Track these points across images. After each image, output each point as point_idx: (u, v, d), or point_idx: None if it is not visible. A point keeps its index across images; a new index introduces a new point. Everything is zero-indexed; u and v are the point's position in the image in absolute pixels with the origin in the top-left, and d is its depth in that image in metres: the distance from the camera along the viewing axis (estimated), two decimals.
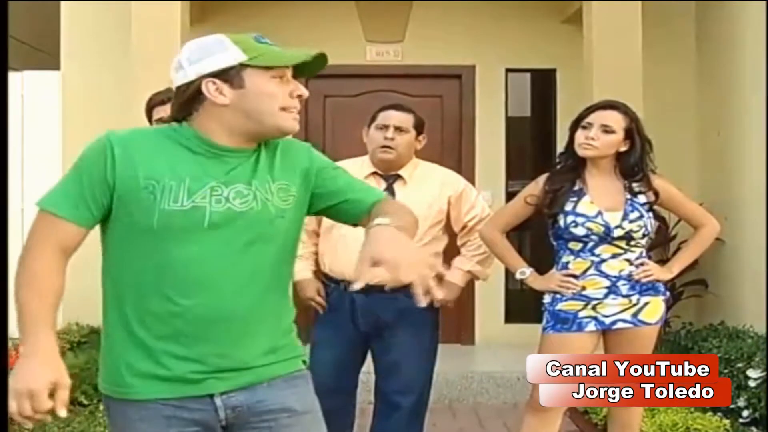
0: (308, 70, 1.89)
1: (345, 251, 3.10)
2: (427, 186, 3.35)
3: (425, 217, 3.24)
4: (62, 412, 1.71)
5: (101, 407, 4.43)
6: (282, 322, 1.91)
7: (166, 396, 1.79)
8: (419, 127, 3.39)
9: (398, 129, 3.31)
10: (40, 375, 1.69)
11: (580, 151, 3.20)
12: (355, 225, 2.00)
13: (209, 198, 1.77)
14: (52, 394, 1.69)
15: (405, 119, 3.35)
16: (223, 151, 1.82)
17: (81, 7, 6.16)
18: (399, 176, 3.35)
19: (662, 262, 3.39)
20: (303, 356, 1.97)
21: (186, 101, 1.83)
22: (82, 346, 5.23)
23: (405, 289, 3.52)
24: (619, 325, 3.18)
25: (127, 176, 1.76)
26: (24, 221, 6.10)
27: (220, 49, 1.81)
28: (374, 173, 3.34)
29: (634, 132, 3.22)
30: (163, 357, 1.78)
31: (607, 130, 3.18)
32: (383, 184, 3.32)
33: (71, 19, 6.19)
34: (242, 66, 1.79)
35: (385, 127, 3.31)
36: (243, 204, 1.80)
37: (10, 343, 4.38)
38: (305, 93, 1.86)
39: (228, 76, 1.79)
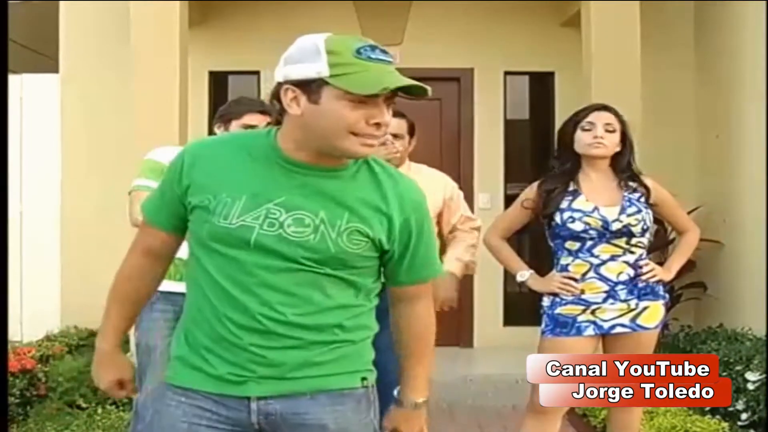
0: (412, 92, 1.76)
1: None
2: (422, 187, 3.41)
3: None
4: (133, 395, 2.05)
5: (99, 410, 4.44)
6: (338, 337, 1.82)
7: (208, 390, 1.81)
8: (411, 131, 3.48)
9: (395, 135, 3.38)
10: (103, 376, 1.98)
11: (591, 151, 3.21)
12: (385, 286, 1.94)
13: (262, 220, 1.73)
14: (122, 385, 1.98)
15: (401, 125, 3.42)
16: (296, 166, 1.76)
17: (80, 9, 6.17)
18: None
19: (660, 265, 3.40)
20: (363, 372, 1.89)
21: (273, 105, 1.80)
22: (80, 350, 5.23)
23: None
24: (618, 329, 3.18)
25: (190, 188, 1.78)
26: (23, 223, 6.12)
27: (311, 58, 1.70)
28: None
29: (625, 133, 3.26)
30: (208, 356, 1.80)
31: (609, 129, 3.21)
32: None
33: (70, 22, 6.20)
34: (323, 81, 1.68)
35: None
36: (298, 234, 1.74)
37: (9, 346, 4.40)
38: (386, 121, 1.72)
39: (309, 87, 1.70)
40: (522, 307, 6.09)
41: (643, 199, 3.24)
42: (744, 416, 4.26)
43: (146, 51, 5.17)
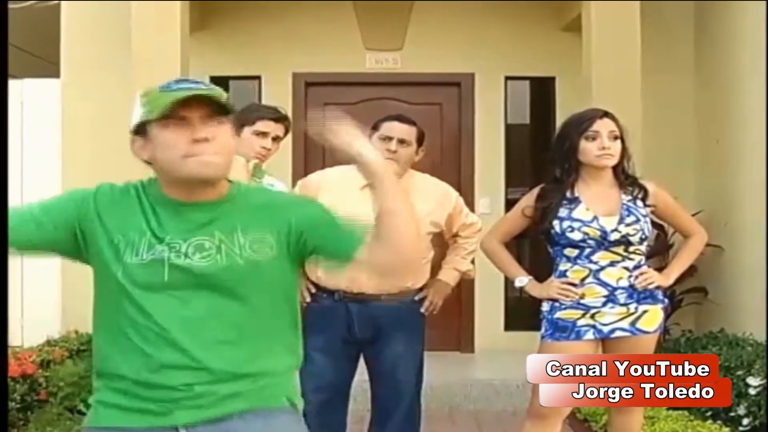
0: (218, 106, 1.81)
1: None
2: (423, 197, 3.39)
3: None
4: None
5: None
6: (263, 366, 1.84)
7: (131, 425, 1.79)
8: (420, 140, 3.43)
9: (401, 141, 3.34)
10: None
11: (601, 162, 3.19)
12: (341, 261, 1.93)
13: (168, 252, 1.78)
14: None
15: (409, 132, 3.37)
16: (179, 204, 1.83)
17: (81, 14, 6.18)
18: None
19: (661, 269, 3.40)
20: (290, 397, 1.90)
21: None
22: (81, 354, 5.23)
23: (398, 296, 3.56)
24: (618, 333, 3.19)
25: (100, 227, 1.81)
26: None
27: (135, 106, 1.84)
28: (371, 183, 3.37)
29: (624, 137, 3.25)
30: (129, 393, 1.79)
31: (614, 136, 3.20)
32: None
33: (71, 27, 6.21)
34: (147, 121, 1.80)
35: (389, 138, 3.33)
36: (204, 258, 1.79)
37: (10, 351, 4.40)
38: (199, 135, 1.76)
39: (140, 132, 1.83)
40: (523, 312, 6.09)
41: (641, 204, 3.24)
42: (745, 421, 4.26)
43: (147, 55, 5.17)
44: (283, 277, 1.88)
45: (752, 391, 4.26)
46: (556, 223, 3.20)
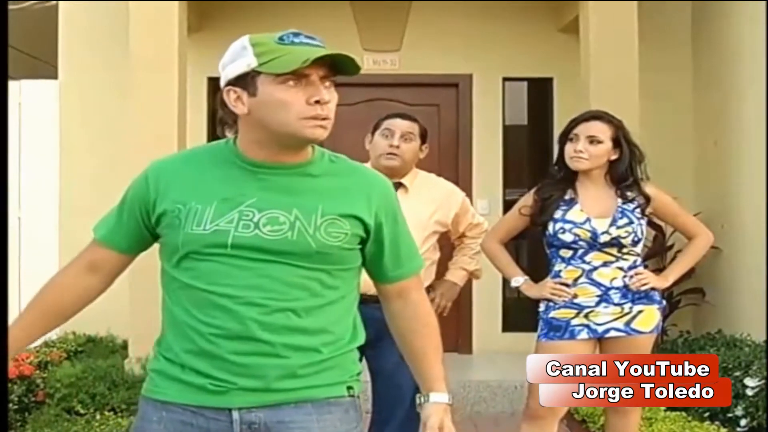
0: (345, 71, 1.79)
1: None
2: (429, 196, 3.39)
3: (424, 227, 3.33)
4: None
5: (98, 416, 4.42)
6: (321, 344, 1.78)
7: (186, 402, 1.76)
8: (423, 136, 3.42)
9: (404, 137, 3.33)
10: None
11: (573, 165, 3.24)
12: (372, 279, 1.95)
13: (236, 222, 1.72)
14: None
15: (411, 127, 3.37)
16: (259, 167, 1.76)
17: (78, 14, 6.18)
18: (401, 184, 3.37)
19: (659, 270, 3.41)
20: (349, 382, 1.86)
21: (224, 111, 1.80)
22: (78, 355, 5.23)
23: None
24: (612, 333, 3.20)
25: (159, 202, 1.77)
26: (21, 229, 6.11)
27: (239, 54, 1.74)
28: None
29: (621, 139, 3.26)
30: (186, 368, 1.76)
31: (593, 140, 3.21)
32: None
33: (69, 28, 6.21)
34: (255, 72, 1.71)
35: (391, 134, 3.32)
36: (274, 233, 1.72)
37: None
38: (323, 97, 1.72)
39: (245, 83, 1.72)
40: (521, 313, 6.08)
41: (638, 210, 3.25)
42: (743, 422, 4.26)
43: (145, 56, 5.17)
44: (350, 259, 1.83)
45: (750, 392, 4.26)
46: (550, 223, 3.23)
